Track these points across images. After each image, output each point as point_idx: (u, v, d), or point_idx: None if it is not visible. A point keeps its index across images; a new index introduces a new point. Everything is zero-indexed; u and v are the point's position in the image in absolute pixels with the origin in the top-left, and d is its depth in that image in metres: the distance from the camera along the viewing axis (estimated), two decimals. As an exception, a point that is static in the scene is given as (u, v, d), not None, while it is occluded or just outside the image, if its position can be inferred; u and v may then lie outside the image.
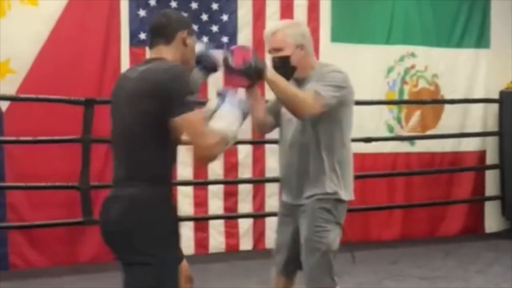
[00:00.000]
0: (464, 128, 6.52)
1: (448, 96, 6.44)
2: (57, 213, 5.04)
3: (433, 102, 6.43)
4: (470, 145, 6.57)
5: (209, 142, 2.35)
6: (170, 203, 2.47)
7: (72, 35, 5.23)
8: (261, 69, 2.79)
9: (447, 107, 6.42)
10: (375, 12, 6.14)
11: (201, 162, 2.56)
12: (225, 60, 2.78)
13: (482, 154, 6.66)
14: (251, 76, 2.80)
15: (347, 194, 2.97)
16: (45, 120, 5.01)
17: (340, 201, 2.94)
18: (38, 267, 5.19)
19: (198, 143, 2.35)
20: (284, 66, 2.95)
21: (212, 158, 2.44)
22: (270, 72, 2.83)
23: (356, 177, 5.47)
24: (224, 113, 2.54)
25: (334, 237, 2.93)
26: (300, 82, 2.97)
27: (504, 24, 6.65)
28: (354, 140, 3.93)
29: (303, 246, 2.94)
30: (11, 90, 5.00)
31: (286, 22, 3.05)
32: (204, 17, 5.66)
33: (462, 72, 6.56)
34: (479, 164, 6.64)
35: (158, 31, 2.53)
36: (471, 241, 6.24)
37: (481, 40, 6.62)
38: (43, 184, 4.88)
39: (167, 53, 2.50)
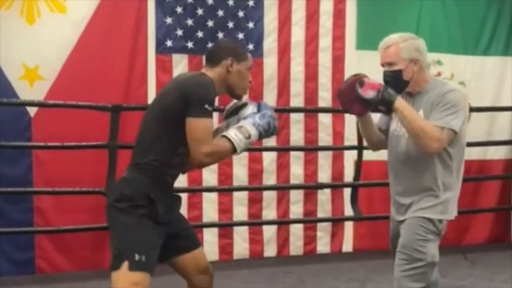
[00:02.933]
0: (491, 136, 6.46)
1: (474, 104, 6.35)
2: (84, 218, 5.09)
3: (460, 110, 6.37)
4: (497, 153, 6.51)
5: (200, 151, 2.70)
6: (146, 195, 2.75)
7: (100, 42, 5.29)
8: (389, 100, 2.89)
9: (474, 115, 6.34)
10: (401, 19, 6.12)
11: (191, 164, 2.84)
12: (353, 87, 2.92)
13: (509, 163, 6.58)
14: (375, 104, 2.93)
15: None
16: (72, 125, 5.07)
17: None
18: (64, 271, 5.26)
19: (192, 148, 2.72)
20: (396, 80, 2.98)
21: (200, 166, 2.83)
22: (400, 103, 2.90)
23: (380, 185, 5.45)
24: (243, 127, 2.80)
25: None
26: (414, 96, 3.01)
27: (532, 32, 6.59)
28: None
29: None
30: (40, 96, 5.08)
31: (401, 35, 3.03)
32: (230, 24, 5.69)
33: (489, 80, 6.50)
34: (506, 173, 6.57)
35: (207, 57, 2.95)
36: (498, 251, 6.17)
37: (509, 47, 6.56)
38: (70, 189, 4.94)
39: (210, 74, 2.86)
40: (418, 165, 2.98)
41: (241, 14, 5.72)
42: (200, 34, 5.61)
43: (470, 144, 5.89)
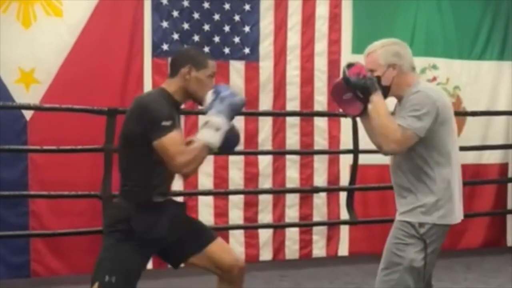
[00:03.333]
0: (486, 140, 6.48)
1: (470, 108, 6.41)
2: (79, 221, 5.09)
3: (455, 114, 6.33)
4: (492, 157, 6.52)
5: (177, 165, 2.76)
6: (126, 219, 2.86)
7: (96, 45, 5.29)
8: (369, 89, 2.89)
9: (469, 119, 6.38)
10: (396, 24, 6.14)
11: (180, 176, 2.95)
12: (343, 73, 2.96)
13: (504, 167, 6.60)
14: (355, 87, 2.94)
15: None
16: (68, 129, 5.07)
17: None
18: (59, 275, 5.25)
19: (169, 165, 2.79)
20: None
21: (186, 175, 2.89)
22: (378, 97, 2.90)
23: (375, 189, 5.47)
24: (208, 122, 2.81)
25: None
26: (399, 101, 3.02)
27: (527, 36, 6.62)
28: (372, 152, 3.92)
29: None
30: (35, 100, 5.07)
31: (382, 41, 3.05)
32: (226, 28, 5.70)
33: (485, 84, 6.53)
34: (501, 177, 6.59)
35: (169, 66, 3.04)
36: (493, 255, 6.19)
37: (504, 52, 6.58)
38: (65, 192, 4.93)
39: (169, 85, 2.98)
40: (401, 170, 2.98)
41: (237, 18, 5.74)
42: (196, 38, 5.62)
43: (465, 148, 5.99)
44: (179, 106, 3.02)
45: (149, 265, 4.89)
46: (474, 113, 6.22)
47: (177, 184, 5.53)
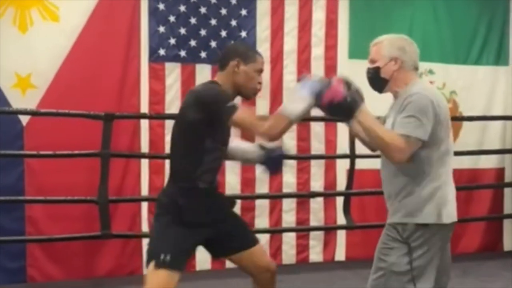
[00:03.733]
0: (483, 145, 6.49)
1: (466, 113, 6.42)
2: (76, 226, 5.08)
3: (452, 119, 6.37)
4: (488, 162, 6.53)
5: (263, 130, 2.85)
6: (175, 202, 3.00)
7: (92, 50, 5.29)
8: (350, 110, 2.79)
9: (466, 124, 6.39)
10: (392, 29, 6.10)
11: (266, 140, 3.06)
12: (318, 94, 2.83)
13: (500, 171, 6.61)
14: (335, 113, 2.87)
15: None
16: (65, 134, 5.06)
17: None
18: (55, 280, 5.23)
19: (255, 133, 2.94)
20: (374, 77, 2.99)
21: (273, 138, 2.95)
22: (362, 115, 2.79)
23: (372, 194, 5.45)
24: (292, 95, 2.86)
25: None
26: (395, 98, 2.99)
27: (523, 42, 6.65)
28: (368, 156, 3.92)
29: None
30: (32, 105, 5.07)
31: (391, 35, 3.04)
32: (223, 33, 5.71)
33: (481, 89, 6.54)
34: (497, 181, 6.60)
35: (218, 62, 3.14)
36: (490, 259, 6.19)
37: (500, 57, 6.61)
38: (62, 197, 4.93)
39: (219, 78, 3.09)
40: (385, 172, 2.98)
41: (233, 23, 5.74)
42: (193, 43, 5.62)
43: (462, 153, 6.02)
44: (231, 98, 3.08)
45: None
46: (470, 118, 6.23)
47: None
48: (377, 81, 2.97)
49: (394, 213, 2.92)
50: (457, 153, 6.70)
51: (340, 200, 5.78)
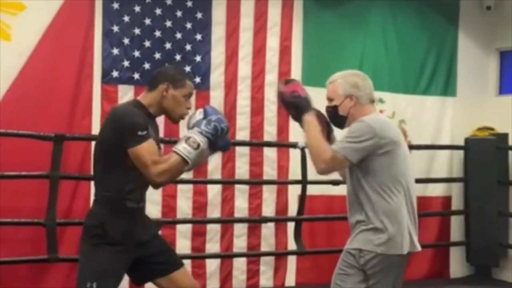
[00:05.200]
0: (430, 173, 6.63)
1: (414, 141, 6.55)
2: (22, 249, 4.96)
3: (401, 147, 6.53)
4: (436, 190, 6.67)
5: (151, 174, 2.84)
6: (101, 224, 2.93)
7: (44, 71, 5.23)
8: (302, 109, 2.99)
9: (414, 152, 6.49)
10: (345, 58, 6.27)
11: (152, 186, 3.01)
12: (278, 87, 3.11)
13: (447, 200, 6.76)
14: (288, 105, 3.04)
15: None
16: (13, 155, 4.96)
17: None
18: (-1, 304, 5.08)
19: (143, 173, 2.87)
20: (333, 116, 3.10)
21: (157, 187, 2.99)
22: (310, 117, 2.99)
23: (323, 219, 5.48)
24: (190, 138, 2.89)
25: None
26: None
27: (470, 74, 6.85)
28: (320, 182, 3.95)
29: None
30: (-20, 124, 4.97)
31: (344, 72, 3.14)
32: (178, 57, 5.72)
33: (429, 119, 6.70)
34: (444, 210, 6.73)
35: (149, 81, 3.12)
36: (436, 286, 6.29)
37: (448, 88, 6.80)
38: (8, 220, 4.81)
39: (145, 98, 3.06)
40: (347, 200, 3.04)
41: (188, 47, 5.76)
42: (147, 65, 5.61)
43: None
44: (154, 118, 3.09)
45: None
46: (418, 147, 6.36)
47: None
48: (336, 119, 3.10)
49: (352, 239, 2.97)
50: (406, 181, 6.87)
51: (291, 226, 5.81)
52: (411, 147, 6.51)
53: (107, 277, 2.89)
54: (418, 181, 6.25)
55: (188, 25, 5.76)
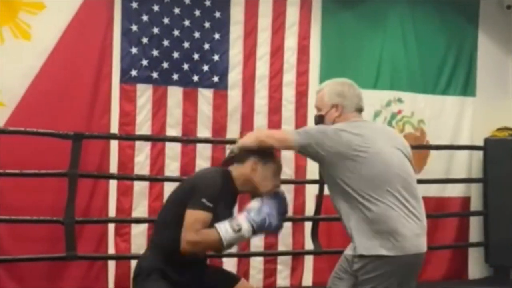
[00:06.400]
0: (449, 174, 6.57)
1: (433, 142, 6.51)
2: (41, 247, 4.99)
3: (419, 148, 6.48)
4: (454, 191, 6.61)
5: (184, 238, 2.87)
6: (158, 265, 2.99)
7: (63, 70, 5.27)
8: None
9: (433, 152, 6.48)
10: (363, 57, 6.25)
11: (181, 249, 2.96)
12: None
13: (466, 200, 6.70)
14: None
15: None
16: (32, 153, 5.00)
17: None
18: (18, 301, 5.13)
19: (182, 233, 2.88)
20: (319, 124, 3.08)
21: (187, 251, 2.92)
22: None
23: (340, 219, 5.44)
24: (235, 220, 2.92)
25: None
26: None
27: (489, 73, 6.78)
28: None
29: None
30: (0, 123, 5.01)
31: (332, 80, 3.15)
32: (196, 56, 5.73)
33: (448, 119, 6.65)
34: (463, 210, 6.68)
35: (237, 154, 3.14)
36: (455, 287, 6.24)
37: (467, 88, 6.73)
38: (27, 217, 4.85)
39: (234, 170, 3.11)
40: (338, 211, 3.04)
41: (206, 46, 5.77)
42: (165, 65, 5.63)
43: (428, 181, 6.10)
44: (237, 193, 3.13)
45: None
46: (437, 147, 6.32)
47: (142, 211, 5.50)
48: None
49: (350, 245, 2.96)
50: (424, 181, 6.85)
51: (308, 225, 5.80)
52: (430, 147, 6.49)
53: None
54: (436, 181, 6.32)
55: (207, 24, 5.77)
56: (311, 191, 5.91)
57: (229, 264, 5.79)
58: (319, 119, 3.06)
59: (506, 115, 6.66)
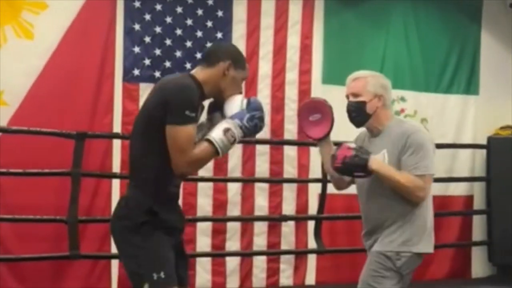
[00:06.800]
0: (452, 172, 6.57)
1: (436, 140, 6.40)
2: (44, 246, 5.00)
3: (422, 146, 6.48)
4: (457, 189, 6.61)
5: (183, 161, 2.56)
6: (149, 209, 2.63)
7: (66, 69, 5.27)
8: (362, 164, 2.89)
9: (436, 151, 6.46)
10: (366, 56, 6.25)
11: (176, 174, 2.64)
12: (332, 159, 2.96)
13: (469, 199, 6.69)
14: (349, 172, 2.97)
15: None
16: (35, 152, 5.01)
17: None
18: (21, 300, 5.14)
19: (173, 157, 2.57)
20: (359, 111, 3.01)
21: (183, 175, 2.68)
22: (375, 164, 2.90)
23: (343, 218, 5.43)
24: (229, 130, 2.63)
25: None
26: (376, 136, 3.04)
27: (492, 72, 6.77)
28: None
29: None
30: (3, 122, 5.01)
31: (371, 72, 3.12)
32: (198, 55, 5.71)
33: (451, 118, 6.64)
34: (466, 209, 6.67)
35: (205, 55, 2.84)
36: (458, 286, 6.23)
37: (470, 87, 6.73)
38: (30, 216, 4.86)
39: (201, 73, 2.73)
40: (382, 201, 2.98)
41: (209, 45, 5.77)
42: (168, 64, 5.63)
43: (431, 180, 6.07)
44: (204, 99, 2.75)
45: None
46: (440, 146, 6.28)
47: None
48: (361, 115, 3.02)
49: (389, 241, 2.95)
50: (427, 180, 6.82)
51: (311, 224, 5.79)
52: (433, 146, 6.46)
53: (170, 264, 2.64)
54: (439, 180, 6.29)
55: (209, 24, 5.77)
56: (314, 190, 5.91)
57: (232, 263, 5.80)
58: (360, 105, 3.00)
59: (509, 114, 6.65)
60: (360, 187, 3.11)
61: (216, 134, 2.61)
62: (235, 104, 2.70)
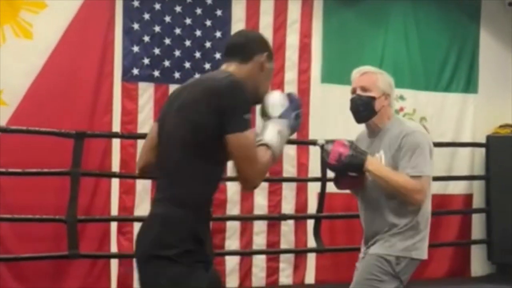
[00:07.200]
0: (451, 171, 6.57)
1: (435, 139, 6.45)
2: (43, 246, 5.00)
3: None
4: (457, 188, 6.61)
5: (255, 171, 2.20)
6: (194, 234, 2.22)
7: (65, 68, 5.27)
8: (359, 163, 2.83)
9: (435, 150, 6.42)
10: (365, 55, 6.24)
11: (244, 188, 2.30)
12: (323, 155, 2.89)
13: (468, 198, 6.70)
14: (343, 171, 2.89)
15: None
16: (35, 152, 5.01)
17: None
18: (21, 300, 5.14)
19: (244, 169, 2.19)
20: (366, 106, 2.96)
21: (253, 188, 2.32)
22: (371, 164, 2.85)
23: (342, 217, 5.45)
24: (282, 131, 2.35)
25: None
26: (375, 135, 3.00)
27: (491, 70, 6.78)
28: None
29: None
30: (2, 122, 5.01)
31: (378, 69, 3.11)
32: (197, 54, 5.72)
33: (450, 116, 6.64)
34: (465, 208, 6.67)
35: (233, 49, 2.40)
36: (457, 285, 6.23)
37: (469, 85, 6.73)
38: (30, 216, 4.86)
39: (238, 70, 2.34)
40: (377, 207, 2.95)
41: (208, 45, 5.77)
42: (167, 63, 5.63)
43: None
44: None
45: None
46: (439, 144, 6.29)
47: (145, 209, 5.49)
48: (368, 110, 2.97)
49: (390, 246, 2.90)
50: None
51: (310, 223, 5.79)
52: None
53: None
54: (439, 179, 6.30)
55: (208, 23, 5.77)
56: (314, 189, 5.91)
57: (232, 263, 5.80)
58: (369, 100, 2.94)
59: (508, 112, 6.65)
60: (359, 195, 3.10)
61: (271, 137, 2.29)
62: (279, 101, 2.39)
